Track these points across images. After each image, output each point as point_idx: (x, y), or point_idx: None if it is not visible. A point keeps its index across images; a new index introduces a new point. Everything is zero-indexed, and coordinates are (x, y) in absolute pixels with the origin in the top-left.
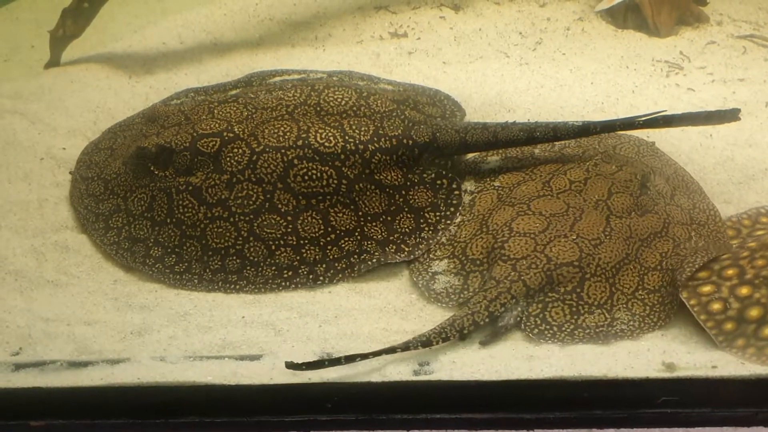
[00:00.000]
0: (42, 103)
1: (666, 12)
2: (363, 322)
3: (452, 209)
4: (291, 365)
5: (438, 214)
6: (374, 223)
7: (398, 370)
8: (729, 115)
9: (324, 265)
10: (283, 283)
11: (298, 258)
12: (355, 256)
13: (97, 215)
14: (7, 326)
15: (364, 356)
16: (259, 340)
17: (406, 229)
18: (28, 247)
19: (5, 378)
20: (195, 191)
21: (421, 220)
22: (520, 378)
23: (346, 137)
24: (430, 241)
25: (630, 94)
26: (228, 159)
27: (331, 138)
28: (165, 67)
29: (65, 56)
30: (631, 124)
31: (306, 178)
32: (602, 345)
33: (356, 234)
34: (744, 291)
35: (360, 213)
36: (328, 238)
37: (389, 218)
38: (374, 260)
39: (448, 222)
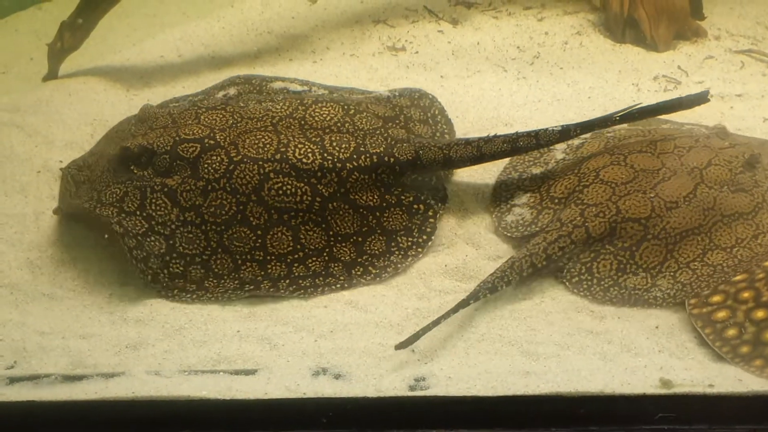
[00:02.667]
0: (39, 115)
1: (664, 26)
2: (359, 337)
3: (425, 237)
4: (399, 345)
5: (410, 239)
6: (344, 244)
7: (394, 386)
8: (699, 99)
9: (287, 281)
10: (243, 295)
11: (262, 273)
12: (320, 278)
13: (72, 194)
14: (2, 340)
15: (446, 316)
16: (254, 354)
17: (376, 251)
18: (24, 260)
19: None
20: (170, 192)
21: (393, 244)
22: (516, 394)
23: (325, 154)
24: (399, 266)
25: None
26: (206, 166)
27: (310, 154)
28: (163, 80)
29: (63, 69)
30: (608, 120)
31: (280, 192)
32: (631, 307)
33: (324, 254)
34: (760, 314)
35: (331, 232)
36: (296, 256)
37: (360, 239)
38: (338, 285)
39: (419, 249)
